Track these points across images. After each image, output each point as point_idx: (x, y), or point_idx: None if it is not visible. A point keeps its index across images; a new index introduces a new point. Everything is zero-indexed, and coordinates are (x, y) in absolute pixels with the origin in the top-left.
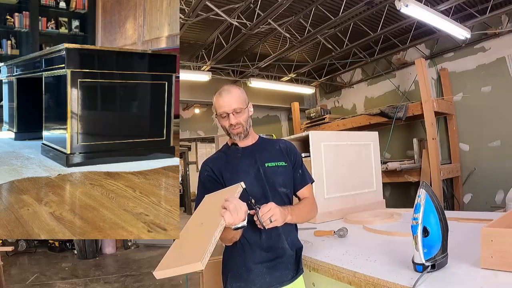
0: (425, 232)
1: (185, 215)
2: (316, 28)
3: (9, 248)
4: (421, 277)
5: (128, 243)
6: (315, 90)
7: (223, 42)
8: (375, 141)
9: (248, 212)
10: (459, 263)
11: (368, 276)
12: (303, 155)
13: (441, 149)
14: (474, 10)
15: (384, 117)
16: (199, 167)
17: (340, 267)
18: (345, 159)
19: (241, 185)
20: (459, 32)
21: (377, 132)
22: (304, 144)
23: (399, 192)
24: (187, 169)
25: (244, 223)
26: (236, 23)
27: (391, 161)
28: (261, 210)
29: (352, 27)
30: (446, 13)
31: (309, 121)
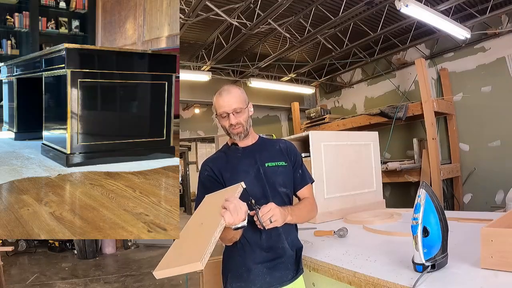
0: (425, 232)
1: (185, 215)
2: (316, 28)
3: (9, 248)
4: (421, 277)
5: (128, 243)
6: (315, 90)
7: (223, 42)
8: (375, 141)
9: (248, 212)
10: (459, 263)
11: (368, 276)
12: (303, 155)
13: (441, 149)
14: (474, 10)
15: (384, 117)
16: (199, 167)
17: (340, 267)
18: (345, 159)
19: (241, 185)
20: (459, 32)
21: (377, 132)
22: (304, 144)
23: (399, 192)
24: (187, 169)
25: (244, 223)
26: (236, 23)
27: (391, 161)
28: (261, 210)
29: (352, 27)
30: (446, 13)
31: (309, 121)
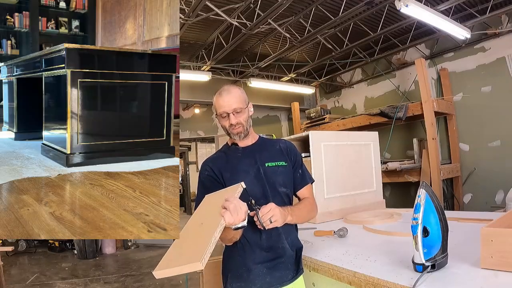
0: (425, 232)
1: (185, 215)
2: (316, 28)
3: (9, 248)
4: (421, 277)
5: (128, 243)
6: (315, 90)
7: (223, 42)
8: (375, 141)
9: (248, 212)
10: (459, 263)
11: (368, 276)
12: (303, 155)
13: (441, 149)
14: (474, 10)
15: (384, 117)
16: (199, 167)
17: (340, 267)
18: (345, 159)
19: (241, 185)
20: (459, 32)
21: (377, 132)
22: (304, 144)
23: (399, 192)
24: (187, 169)
25: (244, 223)
26: (236, 23)
27: (391, 161)
28: (261, 210)
29: (352, 27)
30: (446, 13)
31: (309, 121)
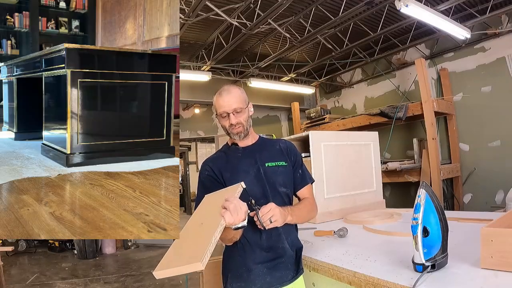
0: (425, 232)
1: (185, 215)
2: (316, 28)
3: (9, 248)
4: (421, 277)
5: (128, 243)
6: (315, 90)
7: (223, 42)
8: (375, 141)
9: (248, 212)
10: (459, 263)
11: (368, 276)
12: (303, 155)
13: (441, 149)
14: (474, 10)
15: (384, 117)
16: (199, 167)
17: (340, 267)
18: (345, 159)
19: (241, 185)
20: (459, 32)
21: (377, 132)
22: (304, 144)
23: (399, 192)
24: (187, 169)
25: (244, 223)
26: (236, 23)
27: (391, 161)
28: (261, 210)
29: (352, 27)
30: (446, 13)
31: (309, 121)
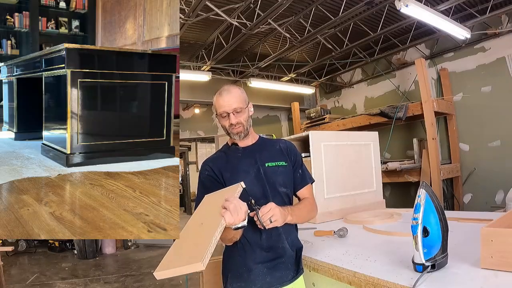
0: (425, 232)
1: (185, 215)
2: (316, 28)
3: (9, 248)
4: (421, 277)
5: (128, 243)
6: (315, 90)
7: (223, 42)
8: (375, 141)
9: (248, 212)
10: (459, 263)
11: (368, 276)
12: (303, 155)
13: (441, 149)
14: (474, 10)
15: (384, 117)
16: (199, 167)
17: (340, 267)
18: (345, 159)
19: (241, 185)
20: (459, 32)
21: (377, 132)
22: (304, 144)
23: (399, 192)
24: (187, 169)
25: (245, 223)
26: (236, 23)
27: (391, 161)
28: (261, 210)
29: (352, 27)
30: (446, 13)
31: (309, 121)
